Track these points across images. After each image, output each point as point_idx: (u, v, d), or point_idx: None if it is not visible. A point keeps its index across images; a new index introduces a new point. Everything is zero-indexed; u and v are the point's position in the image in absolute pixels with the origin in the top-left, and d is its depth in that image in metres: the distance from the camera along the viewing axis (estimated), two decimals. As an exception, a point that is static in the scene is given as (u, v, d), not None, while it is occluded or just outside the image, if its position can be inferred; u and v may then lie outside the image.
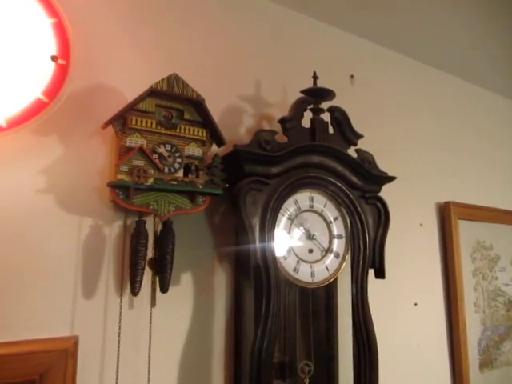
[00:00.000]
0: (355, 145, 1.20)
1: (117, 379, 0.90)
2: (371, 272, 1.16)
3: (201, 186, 0.95)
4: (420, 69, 1.79)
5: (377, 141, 1.38)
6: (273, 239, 1.02)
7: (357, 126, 1.20)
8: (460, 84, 1.95)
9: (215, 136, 1.00)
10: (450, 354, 1.60)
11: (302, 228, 1.11)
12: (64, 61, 0.91)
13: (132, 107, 0.89)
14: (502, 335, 1.77)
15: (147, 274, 0.92)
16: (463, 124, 1.90)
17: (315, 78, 1.20)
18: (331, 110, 1.18)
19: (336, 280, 1.17)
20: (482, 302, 1.72)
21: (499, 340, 1.76)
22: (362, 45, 1.61)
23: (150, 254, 0.93)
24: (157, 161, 0.90)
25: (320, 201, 1.14)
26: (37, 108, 0.88)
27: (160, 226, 0.96)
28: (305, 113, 1.16)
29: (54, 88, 0.90)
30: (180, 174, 0.94)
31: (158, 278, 0.91)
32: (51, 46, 0.90)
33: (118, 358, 0.91)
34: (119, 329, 0.93)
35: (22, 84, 0.87)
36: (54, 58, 0.89)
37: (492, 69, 1.89)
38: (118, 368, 0.91)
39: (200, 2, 1.23)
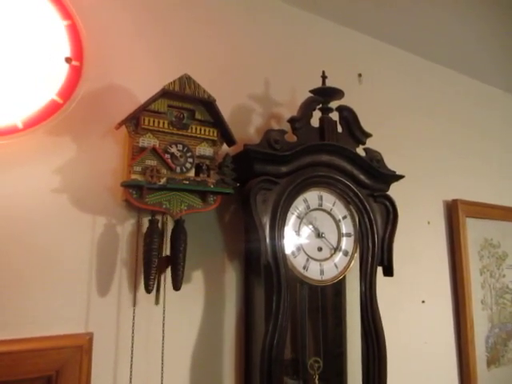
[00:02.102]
0: (364, 144, 1.21)
1: (131, 375, 0.92)
2: (379, 270, 1.17)
3: (212, 186, 0.96)
4: (428, 67, 1.79)
5: (385, 139, 1.39)
6: (283, 237, 1.03)
7: (365, 124, 1.20)
8: (468, 82, 1.95)
9: (226, 136, 1.01)
10: (457, 351, 1.61)
11: (311, 226, 1.12)
12: (78, 62, 0.93)
13: (144, 108, 0.90)
14: (510, 332, 1.78)
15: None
16: (471, 122, 1.90)
17: (324, 77, 1.21)
18: (340, 109, 1.19)
19: (345, 278, 1.18)
20: (489, 299, 1.73)
21: (507, 337, 1.76)
22: (369, 43, 1.61)
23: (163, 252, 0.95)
24: (169, 160, 0.92)
25: (329, 199, 1.15)
26: (51, 109, 0.89)
27: (172, 225, 0.97)
28: (314, 112, 1.17)
29: (68, 89, 0.92)
30: (191, 173, 0.95)
31: (171, 276, 0.93)
32: (65, 48, 0.92)
33: (131, 354, 0.93)
34: (133, 325, 0.94)
35: (36, 85, 0.88)
36: (68, 60, 0.91)
37: (499, 66, 1.89)
38: (131, 364, 0.92)
39: (211, 4, 1.24)
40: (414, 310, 1.51)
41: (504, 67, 1.90)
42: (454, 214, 1.68)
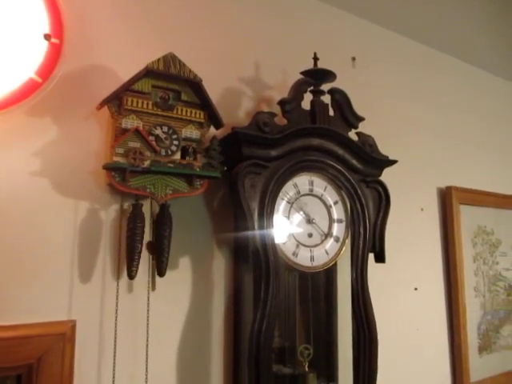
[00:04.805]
0: (356, 128, 1.18)
1: (114, 363, 0.90)
2: (371, 256, 1.15)
3: (198, 169, 0.93)
4: (422, 51, 1.76)
5: (378, 124, 1.36)
6: (272, 223, 1.00)
7: (358, 108, 1.18)
8: (462, 67, 1.92)
9: (213, 118, 0.98)
10: (449, 338, 1.60)
11: (301, 212, 1.09)
12: (57, 39, 0.88)
13: (127, 87, 0.87)
14: (502, 319, 1.78)
15: (144, 257, 0.92)
16: (465, 108, 1.87)
17: (315, 59, 1.17)
18: (332, 91, 1.16)
19: (336, 264, 1.17)
20: (482, 286, 1.72)
21: (499, 324, 1.76)
22: (363, 26, 1.57)
23: (146, 237, 0.92)
24: (153, 143, 0.89)
25: (320, 184, 1.13)
26: (30, 88, 0.85)
27: (157, 210, 0.94)
28: (305, 95, 1.13)
29: (48, 68, 0.87)
30: (177, 156, 0.92)
31: (155, 262, 0.90)
32: (44, 24, 0.87)
33: (115, 341, 0.91)
34: (116, 313, 0.92)
35: (14, 63, 0.84)
36: (47, 37, 0.87)
37: (495, 51, 1.86)
38: (115, 351, 0.91)
39: (198, -19, 1.20)
40: (406, 296, 1.50)
41: (502, 53, 1.88)
42: (447, 200, 1.66)
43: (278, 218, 1.04)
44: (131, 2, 1.07)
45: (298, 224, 1.09)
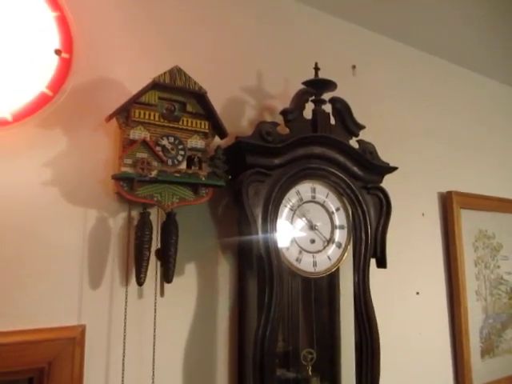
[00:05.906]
0: (357, 135, 1.21)
1: (123, 367, 0.92)
2: (373, 261, 1.17)
3: (204, 178, 0.96)
4: (422, 58, 1.78)
5: (378, 131, 1.38)
6: (275, 230, 1.03)
7: (358, 115, 1.20)
8: (462, 73, 1.94)
9: (217, 128, 1.00)
10: (451, 342, 1.61)
11: (304, 218, 1.12)
12: (67, 54, 0.92)
13: (135, 100, 0.90)
14: (504, 323, 1.79)
15: (152, 264, 0.94)
16: (465, 113, 1.89)
17: (316, 69, 1.20)
18: (333, 100, 1.19)
19: (338, 270, 1.18)
20: (483, 290, 1.74)
21: (501, 328, 1.77)
22: (363, 35, 1.60)
23: (154, 245, 0.95)
24: (160, 153, 0.92)
25: (322, 192, 1.15)
26: (41, 101, 0.89)
27: (164, 218, 0.97)
28: (306, 104, 1.16)
29: (58, 81, 0.91)
30: (183, 166, 0.95)
31: (162, 269, 0.93)
32: (55, 40, 0.91)
33: (124, 346, 0.93)
34: (125, 318, 0.94)
35: (26, 78, 0.88)
36: (57, 52, 0.90)
37: (494, 57, 1.88)
38: (124, 356, 0.93)
39: (202, -5, 1.23)
40: (408, 301, 1.52)
41: (499, 58, 1.89)
42: (448, 205, 1.68)
43: (282, 224, 1.06)
44: (138, 17, 1.10)
45: (301, 230, 1.11)
